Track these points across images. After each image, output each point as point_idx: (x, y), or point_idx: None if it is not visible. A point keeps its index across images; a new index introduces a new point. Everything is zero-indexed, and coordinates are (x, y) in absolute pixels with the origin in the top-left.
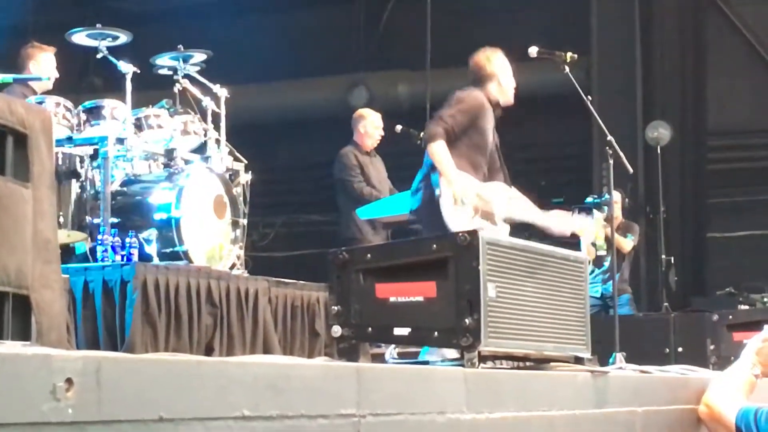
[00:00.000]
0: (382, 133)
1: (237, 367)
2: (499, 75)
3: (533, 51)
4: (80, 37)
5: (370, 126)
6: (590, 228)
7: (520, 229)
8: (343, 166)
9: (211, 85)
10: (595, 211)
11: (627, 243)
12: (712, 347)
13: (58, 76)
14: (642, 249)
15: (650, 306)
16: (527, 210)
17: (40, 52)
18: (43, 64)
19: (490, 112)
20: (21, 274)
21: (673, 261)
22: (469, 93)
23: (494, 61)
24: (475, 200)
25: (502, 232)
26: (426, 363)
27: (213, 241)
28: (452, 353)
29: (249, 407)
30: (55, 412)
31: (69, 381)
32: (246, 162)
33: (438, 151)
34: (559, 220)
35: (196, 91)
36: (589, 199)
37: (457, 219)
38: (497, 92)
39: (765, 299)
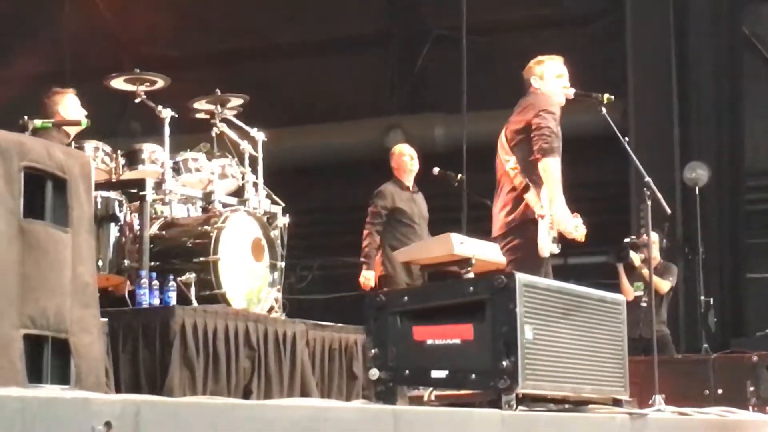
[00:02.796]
0: (416, 162)
1: (273, 411)
2: (535, 82)
3: (570, 93)
4: (118, 82)
5: (404, 156)
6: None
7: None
8: (372, 207)
9: (248, 128)
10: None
11: (665, 284)
12: (752, 389)
13: (86, 113)
14: (681, 290)
15: (689, 347)
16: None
17: (63, 95)
18: (70, 107)
19: None
20: (60, 318)
21: (712, 302)
22: (546, 99)
23: (533, 69)
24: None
25: (558, 249)
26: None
27: (251, 284)
28: None
29: None
30: None
31: (108, 424)
32: (283, 205)
33: (554, 165)
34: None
35: (233, 134)
36: (627, 240)
37: (545, 243)
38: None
39: None
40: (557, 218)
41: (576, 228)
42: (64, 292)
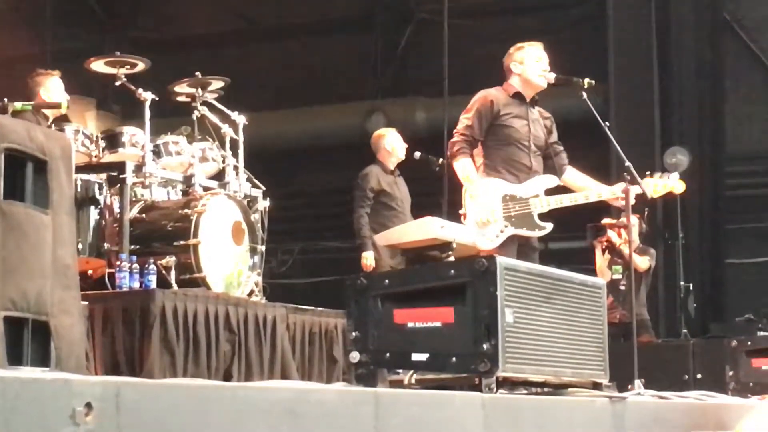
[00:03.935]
0: (405, 145)
1: (255, 392)
2: (514, 68)
3: (551, 77)
4: (99, 65)
5: (394, 141)
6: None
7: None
8: (360, 190)
9: (229, 112)
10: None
11: (643, 261)
12: (731, 373)
13: (69, 98)
14: (660, 275)
15: (669, 332)
16: (564, 197)
17: (47, 77)
18: (52, 89)
19: (510, 104)
20: (40, 300)
21: (691, 287)
22: (475, 98)
23: (512, 55)
24: (501, 211)
25: (542, 231)
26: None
27: (231, 268)
28: None
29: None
30: None
31: (88, 405)
32: (264, 188)
33: (459, 167)
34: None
35: (214, 118)
36: (605, 220)
37: (482, 236)
38: (518, 82)
39: None
40: (478, 214)
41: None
42: (44, 274)
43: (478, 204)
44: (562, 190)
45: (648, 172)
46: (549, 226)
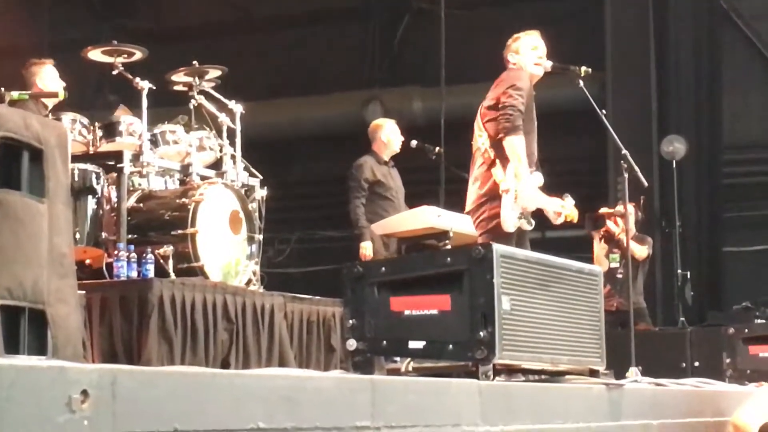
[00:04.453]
0: (402, 138)
1: (252, 380)
2: (511, 58)
3: (548, 65)
4: (96, 54)
5: (390, 133)
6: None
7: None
8: (354, 180)
9: (226, 101)
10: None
11: (642, 250)
12: (728, 361)
13: (65, 85)
14: (658, 264)
15: (666, 320)
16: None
17: (41, 66)
18: (47, 78)
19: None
20: (37, 289)
21: (689, 275)
22: (517, 75)
23: (509, 46)
24: (530, 202)
25: (531, 226)
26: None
27: (228, 257)
28: None
29: (264, 419)
30: (70, 424)
31: (84, 393)
32: (261, 177)
33: (516, 142)
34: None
35: (211, 107)
36: (603, 210)
37: (509, 217)
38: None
39: None
40: (522, 195)
41: (563, 207)
42: (40, 262)
43: (524, 186)
44: None
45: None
46: (533, 223)
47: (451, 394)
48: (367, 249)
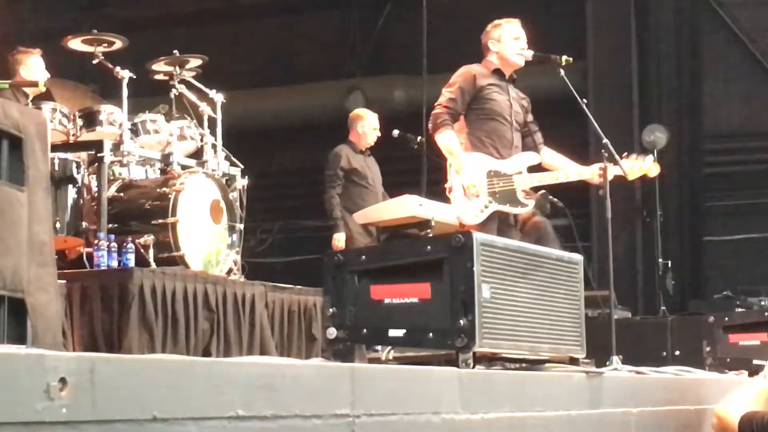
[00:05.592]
0: (379, 134)
1: (231, 367)
2: (492, 46)
3: (529, 55)
4: (76, 43)
5: (368, 126)
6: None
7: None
8: (330, 170)
9: (207, 90)
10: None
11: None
12: (708, 349)
13: (49, 76)
14: (639, 253)
15: (647, 310)
16: (546, 174)
17: (27, 55)
18: (32, 67)
19: (492, 79)
20: (16, 277)
21: (670, 265)
22: (457, 73)
23: (490, 33)
24: (485, 186)
25: (524, 209)
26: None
27: (209, 246)
28: None
29: (243, 407)
30: (49, 411)
31: (63, 380)
32: (242, 167)
33: (443, 139)
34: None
35: (192, 96)
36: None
37: (466, 211)
38: (497, 60)
39: (762, 302)
40: (466, 184)
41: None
42: (20, 251)
43: (464, 177)
44: (537, 168)
45: (625, 154)
46: (531, 204)
47: (431, 382)
48: (339, 240)
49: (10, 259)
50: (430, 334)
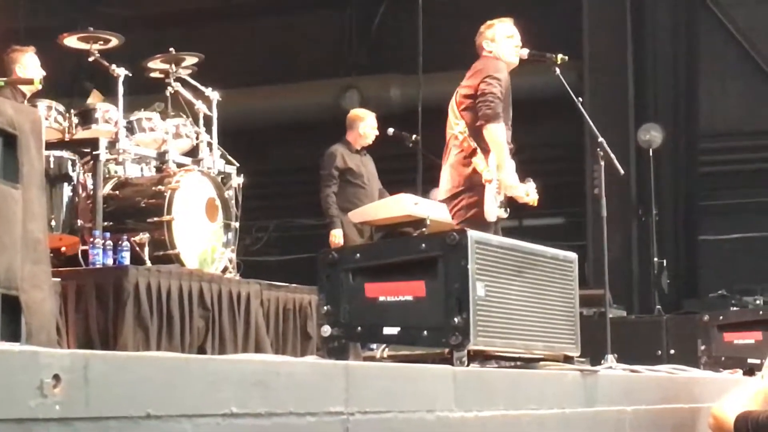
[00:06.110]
0: (377, 133)
1: (225, 364)
2: (486, 46)
3: (524, 53)
4: (72, 41)
5: (368, 128)
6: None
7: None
8: (325, 169)
9: (203, 88)
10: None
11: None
12: (702, 348)
13: (45, 74)
14: (634, 251)
15: (643, 308)
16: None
17: (22, 53)
18: (28, 65)
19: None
20: (11, 275)
21: (665, 263)
22: (495, 63)
23: (483, 33)
24: (513, 191)
25: (506, 214)
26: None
27: (205, 244)
28: None
29: (237, 404)
30: (42, 408)
31: (56, 377)
32: (238, 165)
33: (496, 131)
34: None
35: (188, 94)
36: None
37: (491, 207)
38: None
39: (757, 301)
40: (505, 183)
41: (527, 194)
42: (14, 248)
43: (507, 174)
44: None
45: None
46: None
47: (426, 380)
48: (337, 237)
49: (4, 257)
50: (425, 332)
